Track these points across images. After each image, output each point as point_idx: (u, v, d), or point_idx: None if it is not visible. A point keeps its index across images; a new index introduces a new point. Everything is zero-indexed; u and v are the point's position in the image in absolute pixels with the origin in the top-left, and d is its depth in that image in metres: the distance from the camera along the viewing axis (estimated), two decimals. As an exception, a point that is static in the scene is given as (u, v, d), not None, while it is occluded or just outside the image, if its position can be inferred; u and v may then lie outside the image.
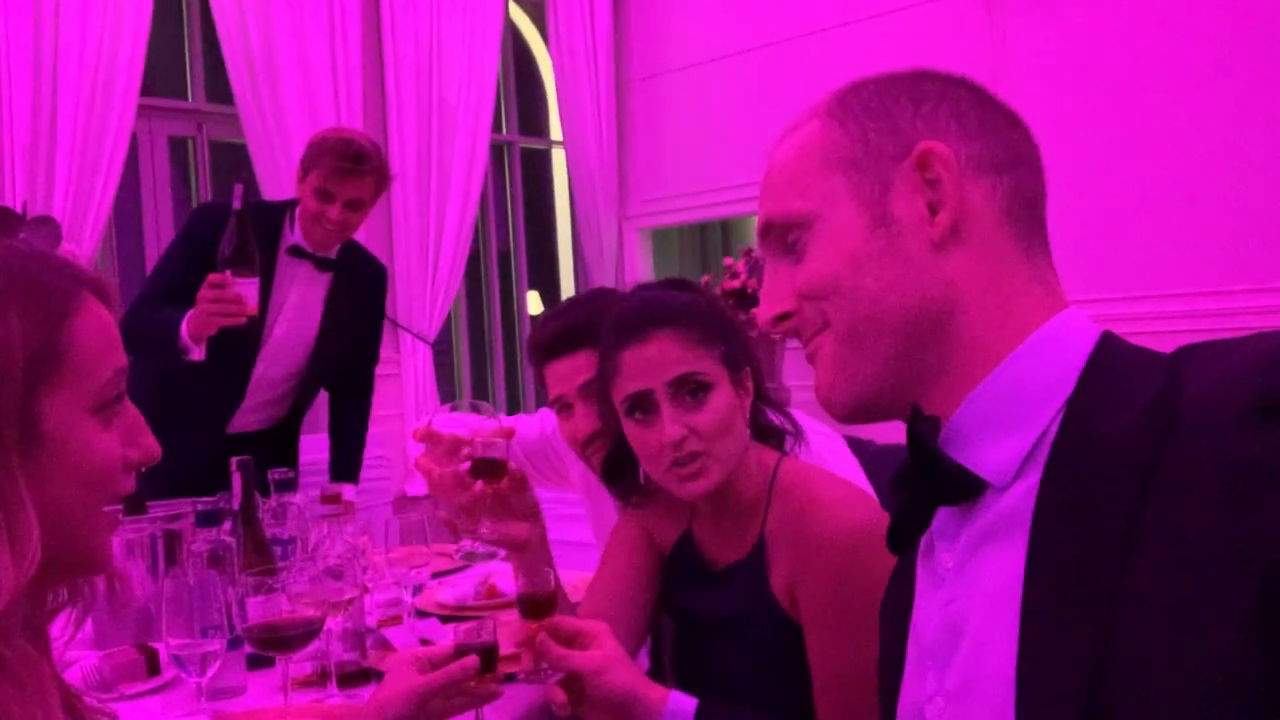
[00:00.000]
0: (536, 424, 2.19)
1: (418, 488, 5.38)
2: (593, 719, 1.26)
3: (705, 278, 5.39)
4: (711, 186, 6.07)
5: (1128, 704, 0.66)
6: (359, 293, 2.90)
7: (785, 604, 1.40)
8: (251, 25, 4.72)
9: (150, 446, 0.93)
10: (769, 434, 1.52)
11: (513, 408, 6.22)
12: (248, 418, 2.85)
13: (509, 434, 1.69)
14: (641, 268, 6.56)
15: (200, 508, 1.62)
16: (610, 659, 1.25)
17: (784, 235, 0.90)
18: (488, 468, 1.60)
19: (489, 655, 1.28)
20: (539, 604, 1.36)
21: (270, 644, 1.41)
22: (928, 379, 0.84)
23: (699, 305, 1.45)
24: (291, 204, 2.79)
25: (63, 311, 0.86)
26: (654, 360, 1.39)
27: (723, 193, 6.03)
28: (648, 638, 1.64)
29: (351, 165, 2.61)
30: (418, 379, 5.43)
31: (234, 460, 1.76)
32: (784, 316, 0.90)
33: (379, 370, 5.23)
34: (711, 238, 7.33)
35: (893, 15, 5.29)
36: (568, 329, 1.77)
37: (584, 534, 2.83)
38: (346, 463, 3.01)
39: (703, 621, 1.50)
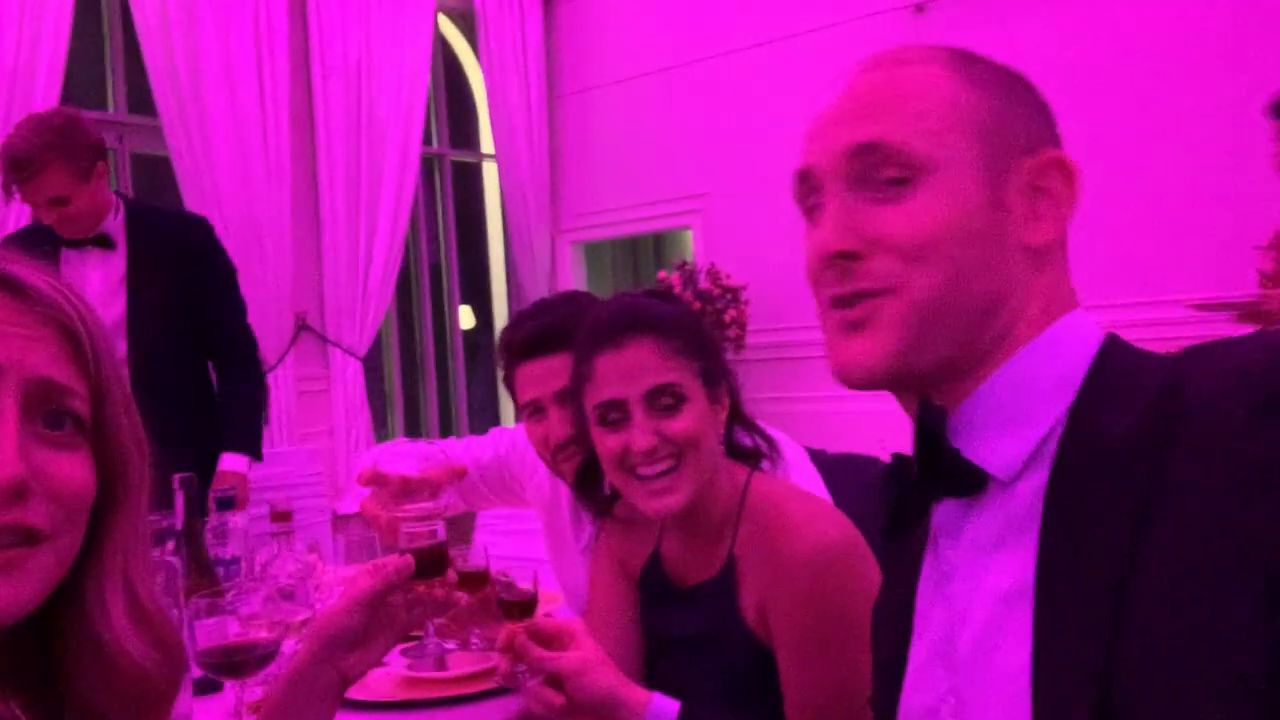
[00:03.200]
0: (490, 446, 2.10)
1: (349, 505, 5.27)
2: None
3: (640, 291, 5.38)
4: (643, 200, 6.08)
5: (1141, 699, 0.67)
6: (167, 258, 2.76)
7: (755, 625, 1.37)
8: (175, 34, 4.61)
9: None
10: (744, 454, 1.49)
11: (445, 422, 6.14)
12: None
13: (460, 474, 1.66)
14: (574, 281, 6.53)
15: (142, 528, 1.55)
16: (591, 660, 1.22)
17: (884, 166, 0.81)
18: (471, 580, 1.52)
19: (438, 558, 1.22)
20: (518, 606, 1.31)
21: (224, 669, 1.35)
22: (961, 365, 0.82)
23: (680, 317, 1.42)
24: None
25: None
26: (630, 368, 1.36)
27: (654, 206, 6.05)
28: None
29: (22, 175, 2.53)
30: (348, 395, 5.34)
31: (176, 477, 1.69)
32: (849, 255, 0.81)
33: (308, 387, 5.22)
34: (644, 251, 7.34)
35: (821, 32, 5.36)
36: (547, 330, 1.70)
37: (539, 550, 2.79)
38: (235, 429, 2.80)
39: (672, 641, 1.47)
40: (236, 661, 1.34)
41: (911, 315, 0.80)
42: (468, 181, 6.53)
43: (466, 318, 6.41)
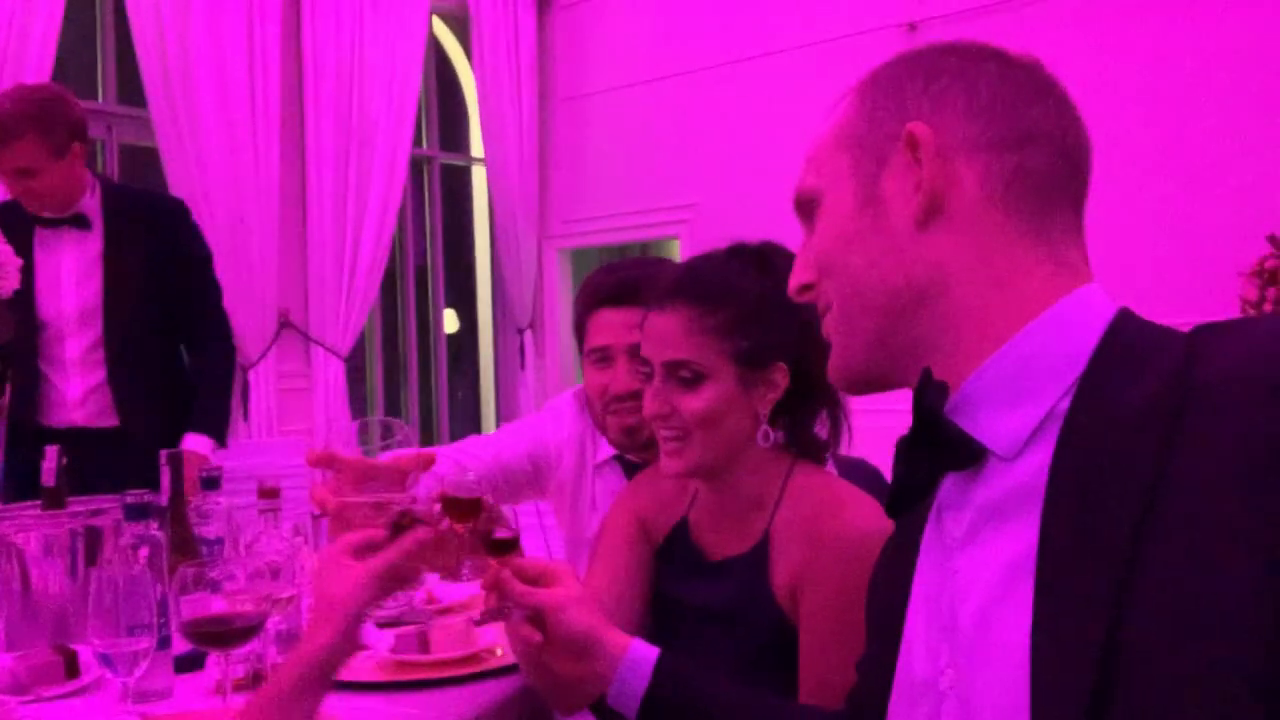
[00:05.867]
0: (520, 441, 2.08)
1: (327, 506, 5.24)
2: (554, 661, 1.19)
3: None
4: (632, 209, 6.09)
5: (1141, 677, 0.66)
6: (143, 238, 2.77)
7: (784, 601, 1.38)
8: (168, 27, 4.59)
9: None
10: (809, 444, 1.48)
11: (425, 424, 6.12)
12: (79, 411, 2.72)
13: (429, 461, 1.54)
14: (561, 290, 6.53)
15: (128, 500, 1.54)
16: (571, 597, 1.19)
17: (804, 209, 0.93)
18: (463, 507, 1.53)
19: (408, 518, 1.22)
20: (503, 544, 1.32)
21: (210, 639, 1.33)
22: (921, 351, 0.85)
23: (740, 293, 1.40)
24: None
25: None
26: (661, 334, 1.41)
27: (643, 215, 6.06)
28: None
29: None
30: (328, 393, 5.32)
31: (163, 453, 1.68)
32: (806, 287, 0.93)
33: (289, 384, 5.19)
34: (630, 261, 7.35)
35: (815, 46, 5.39)
36: (634, 281, 1.76)
37: (539, 547, 2.78)
38: (201, 411, 2.80)
39: (692, 611, 1.47)
40: (224, 631, 1.33)
41: (842, 325, 0.90)
42: (456, 184, 6.53)
43: (451, 321, 6.40)
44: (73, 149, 2.61)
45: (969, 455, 0.81)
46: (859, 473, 1.83)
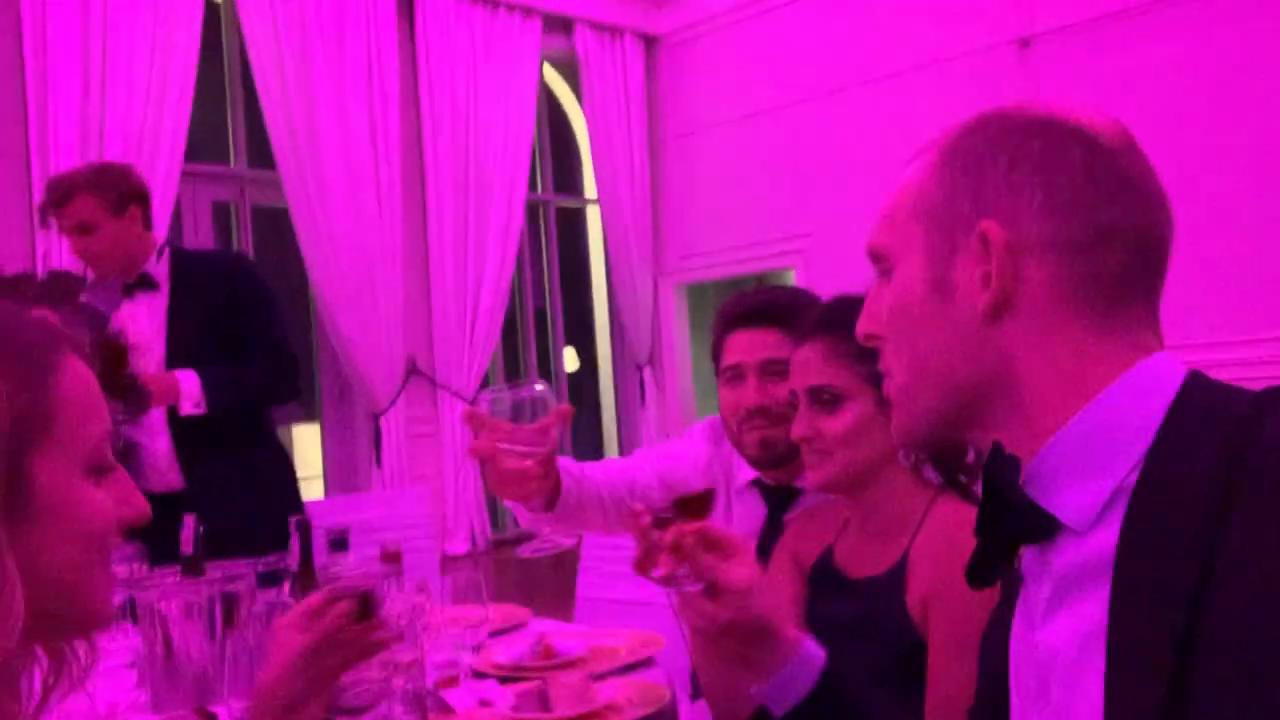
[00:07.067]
0: (656, 464, 2.13)
1: (458, 546, 5.36)
2: (717, 641, 1.15)
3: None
4: (745, 241, 6.09)
5: None
6: (202, 296, 2.88)
7: (917, 617, 1.41)
8: (292, 90, 4.81)
9: (141, 505, 0.92)
10: (952, 475, 1.55)
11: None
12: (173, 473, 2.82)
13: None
14: (678, 324, 6.56)
15: (261, 568, 1.61)
16: (757, 580, 1.13)
17: (877, 262, 0.94)
18: (693, 504, 1.54)
19: (366, 602, 1.24)
20: (694, 502, 1.20)
21: (337, 708, 1.38)
22: (988, 428, 0.87)
23: None
24: None
25: (46, 369, 0.84)
26: (801, 365, 1.54)
27: (756, 247, 6.06)
28: None
29: (54, 198, 2.75)
30: (454, 438, 5.43)
31: (292, 520, 1.75)
32: (871, 337, 0.95)
33: (418, 429, 5.32)
34: (746, 292, 7.34)
35: (927, 68, 5.32)
36: (763, 304, 1.89)
37: (627, 591, 2.80)
38: (216, 371, 2.83)
39: (831, 624, 1.47)
40: (349, 704, 1.37)
41: (904, 397, 0.91)
42: (572, 225, 6.63)
43: (571, 360, 6.48)
44: (130, 210, 2.78)
45: (1044, 529, 0.81)
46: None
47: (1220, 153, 4.36)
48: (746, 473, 2.05)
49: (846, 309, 1.47)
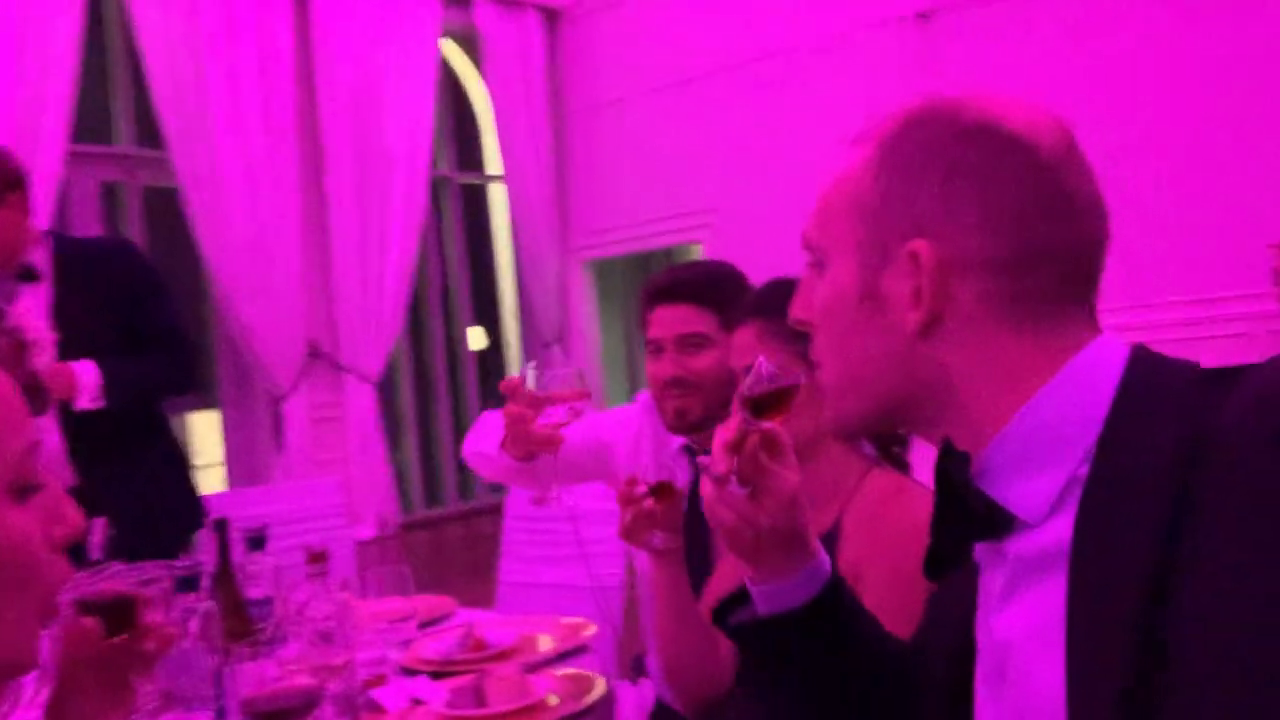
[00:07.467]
0: (587, 436, 2.25)
1: (366, 531, 5.26)
2: (747, 549, 1.11)
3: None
4: (652, 216, 6.07)
5: None
6: (91, 286, 2.76)
7: (850, 582, 1.39)
8: (181, 66, 4.62)
9: (75, 520, 0.85)
10: (888, 449, 1.65)
11: (459, 443, 6.11)
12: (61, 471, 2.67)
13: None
14: (586, 301, 6.52)
15: (177, 572, 1.54)
16: (801, 488, 1.11)
17: (810, 252, 0.94)
18: (662, 491, 1.69)
19: (121, 612, 1.18)
20: (769, 399, 1.10)
21: (272, 716, 1.33)
22: (925, 426, 0.88)
23: None
24: None
25: None
26: (738, 347, 1.61)
27: (663, 223, 6.04)
28: None
29: None
30: (361, 420, 5.33)
31: (210, 519, 1.68)
32: (802, 323, 0.95)
33: (322, 414, 5.20)
34: (655, 268, 7.33)
35: (830, 42, 5.34)
36: (680, 282, 2.01)
37: (550, 574, 2.79)
38: (116, 361, 2.71)
39: None
40: (285, 708, 1.32)
41: (834, 392, 0.92)
42: (476, 203, 6.53)
43: (478, 339, 6.40)
44: (8, 199, 2.60)
45: (998, 524, 0.82)
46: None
47: (1122, 124, 4.47)
48: (678, 439, 2.15)
49: (780, 292, 1.54)
